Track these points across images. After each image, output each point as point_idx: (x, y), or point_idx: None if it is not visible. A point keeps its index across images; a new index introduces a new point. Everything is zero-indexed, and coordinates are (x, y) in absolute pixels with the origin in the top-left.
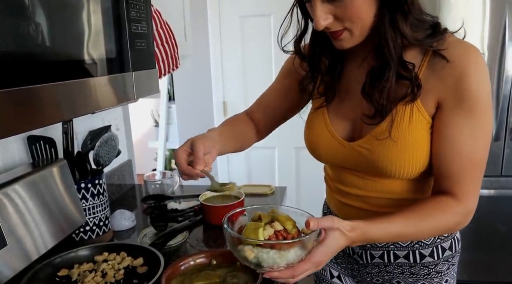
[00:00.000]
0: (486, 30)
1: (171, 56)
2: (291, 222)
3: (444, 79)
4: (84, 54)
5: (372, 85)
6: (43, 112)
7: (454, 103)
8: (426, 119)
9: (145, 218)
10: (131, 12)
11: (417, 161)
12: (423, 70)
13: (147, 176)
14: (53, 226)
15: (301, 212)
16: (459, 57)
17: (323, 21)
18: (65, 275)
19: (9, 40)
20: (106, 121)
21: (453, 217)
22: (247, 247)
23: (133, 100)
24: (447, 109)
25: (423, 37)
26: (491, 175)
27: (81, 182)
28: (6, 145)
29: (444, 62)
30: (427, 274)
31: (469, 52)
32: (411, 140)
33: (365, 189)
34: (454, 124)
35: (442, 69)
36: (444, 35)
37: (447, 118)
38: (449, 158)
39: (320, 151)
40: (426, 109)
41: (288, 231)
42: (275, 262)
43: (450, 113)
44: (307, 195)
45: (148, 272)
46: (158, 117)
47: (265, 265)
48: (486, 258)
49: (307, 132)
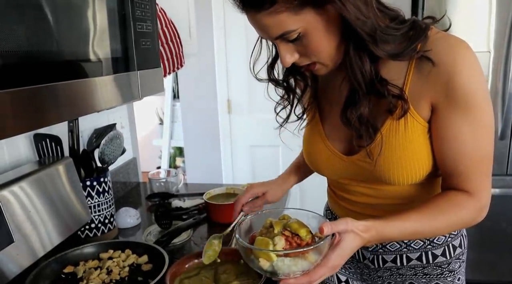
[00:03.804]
0: (492, 28)
1: (175, 55)
2: (304, 229)
3: (433, 81)
4: (89, 53)
5: (347, 110)
6: (49, 111)
7: (448, 103)
8: (421, 124)
9: (150, 216)
10: (136, 11)
11: (420, 166)
12: (411, 76)
13: (151, 174)
14: (59, 223)
15: (313, 214)
16: (445, 56)
17: (289, 59)
18: (71, 272)
19: (16, 40)
20: (111, 119)
21: (467, 212)
22: (261, 257)
23: (138, 98)
24: (442, 110)
25: (400, 47)
26: (497, 174)
27: (86, 180)
28: (13, 143)
29: (430, 64)
30: (440, 273)
31: (454, 48)
32: (409, 147)
33: (373, 196)
34: (452, 124)
35: (429, 72)
36: (426, 33)
37: (444, 119)
38: (453, 158)
39: (321, 166)
40: (420, 114)
41: (302, 238)
42: (291, 270)
43: (446, 114)
44: (310, 194)
45: (153, 270)
46: (162, 115)
47: (280, 273)
48: (491, 257)
49: (305, 147)
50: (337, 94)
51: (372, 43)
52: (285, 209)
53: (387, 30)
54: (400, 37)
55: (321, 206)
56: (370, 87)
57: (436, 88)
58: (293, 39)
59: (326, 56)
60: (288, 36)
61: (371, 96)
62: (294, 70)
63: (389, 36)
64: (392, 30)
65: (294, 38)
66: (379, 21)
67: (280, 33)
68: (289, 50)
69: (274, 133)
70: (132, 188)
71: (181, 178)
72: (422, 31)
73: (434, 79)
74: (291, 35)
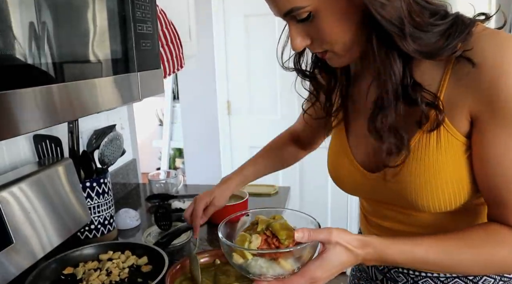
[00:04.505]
0: None
1: (176, 56)
2: (285, 232)
3: (473, 85)
4: (89, 54)
5: (377, 118)
6: (49, 112)
7: (492, 113)
8: (458, 139)
9: (150, 217)
10: (136, 12)
11: (455, 191)
12: (447, 81)
13: (151, 175)
14: (58, 224)
15: (311, 220)
16: (491, 54)
17: (299, 43)
18: (70, 273)
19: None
20: (111, 120)
21: (509, 252)
22: (236, 254)
23: (138, 100)
24: (484, 124)
25: (437, 46)
26: None
27: (86, 181)
28: (13, 144)
29: (469, 66)
30: None
31: (503, 46)
32: (442, 168)
33: (405, 223)
34: (496, 140)
35: (468, 75)
36: (470, 30)
37: (486, 136)
38: (498, 183)
39: (345, 183)
40: (457, 128)
41: (280, 241)
42: (261, 271)
43: (489, 129)
44: (310, 195)
45: (153, 271)
46: (162, 116)
47: (251, 272)
48: None
49: (330, 156)
50: (364, 100)
51: (399, 37)
52: (284, 211)
53: (422, 26)
54: (437, 34)
55: (321, 208)
56: (401, 92)
57: (477, 95)
58: (302, 18)
59: (339, 45)
60: (297, 14)
61: (401, 103)
62: (321, 62)
63: (423, 33)
64: (429, 26)
65: (304, 18)
66: (413, 14)
67: (288, 8)
68: (299, 32)
69: (273, 134)
70: (132, 189)
71: (181, 179)
72: (465, 27)
73: (475, 84)
74: (300, 13)
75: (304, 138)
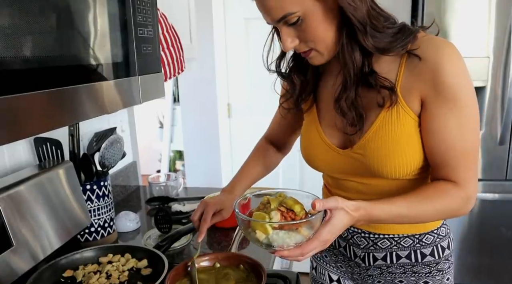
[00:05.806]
0: (491, 34)
1: (176, 60)
2: (298, 205)
3: (421, 76)
4: (91, 59)
5: (340, 98)
6: (51, 116)
7: (435, 97)
8: (412, 118)
9: (150, 219)
10: (137, 16)
11: (410, 159)
12: (402, 71)
13: (151, 178)
14: (58, 227)
15: (307, 194)
16: (431, 53)
17: (290, 44)
18: (70, 276)
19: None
20: (111, 123)
21: (454, 201)
22: (258, 229)
23: (138, 103)
24: (430, 105)
25: (388, 44)
26: (496, 179)
27: (86, 184)
28: (13, 147)
29: (417, 60)
30: (429, 272)
31: (440, 47)
32: (401, 140)
33: (367, 193)
34: (439, 118)
35: (417, 67)
36: (415, 34)
37: (432, 113)
38: (441, 150)
39: (317, 160)
40: (411, 108)
41: (296, 213)
42: (285, 242)
43: (433, 108)
44: None
45: (152, 274)
46: (162, 119)
47: (275, 245)
48: (490, 262)
49: (303, 142)
50: (333, 90)
51: (362, 33)
52: (282, 190)
53: (378, 27)
54: (389, 35)
55: None
56: (361, 77)
57: (425, 83)
58: (293, 22)
59: (322, 44)
60: (289, 19)
61: (362, 86)
62: (297, 66)
63: (378, 33)
64: (383, 28)
65: (294, 22)
66: (372, 18)
67: (281, 15)
68: (290, 35)
69: None
70: (132, 191)
71: (181, 182)
72: (410, 33)
73: (423, 74)
74: (291, 18)
75: (277, 141)
